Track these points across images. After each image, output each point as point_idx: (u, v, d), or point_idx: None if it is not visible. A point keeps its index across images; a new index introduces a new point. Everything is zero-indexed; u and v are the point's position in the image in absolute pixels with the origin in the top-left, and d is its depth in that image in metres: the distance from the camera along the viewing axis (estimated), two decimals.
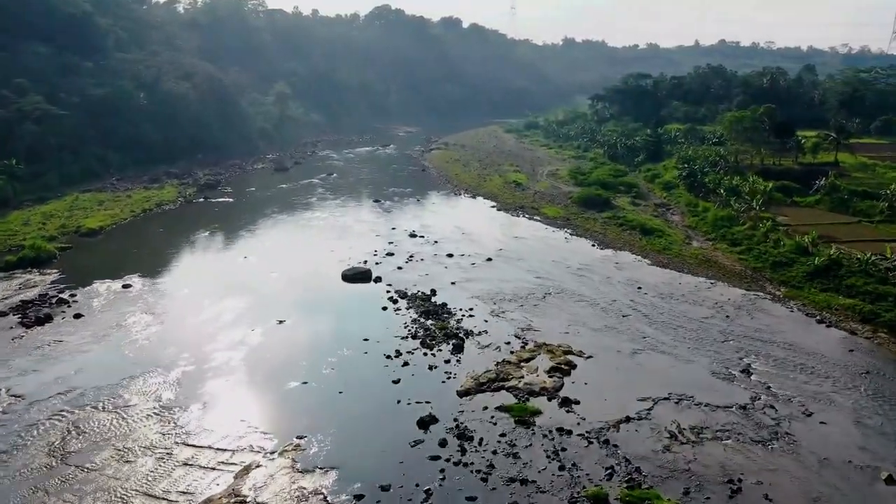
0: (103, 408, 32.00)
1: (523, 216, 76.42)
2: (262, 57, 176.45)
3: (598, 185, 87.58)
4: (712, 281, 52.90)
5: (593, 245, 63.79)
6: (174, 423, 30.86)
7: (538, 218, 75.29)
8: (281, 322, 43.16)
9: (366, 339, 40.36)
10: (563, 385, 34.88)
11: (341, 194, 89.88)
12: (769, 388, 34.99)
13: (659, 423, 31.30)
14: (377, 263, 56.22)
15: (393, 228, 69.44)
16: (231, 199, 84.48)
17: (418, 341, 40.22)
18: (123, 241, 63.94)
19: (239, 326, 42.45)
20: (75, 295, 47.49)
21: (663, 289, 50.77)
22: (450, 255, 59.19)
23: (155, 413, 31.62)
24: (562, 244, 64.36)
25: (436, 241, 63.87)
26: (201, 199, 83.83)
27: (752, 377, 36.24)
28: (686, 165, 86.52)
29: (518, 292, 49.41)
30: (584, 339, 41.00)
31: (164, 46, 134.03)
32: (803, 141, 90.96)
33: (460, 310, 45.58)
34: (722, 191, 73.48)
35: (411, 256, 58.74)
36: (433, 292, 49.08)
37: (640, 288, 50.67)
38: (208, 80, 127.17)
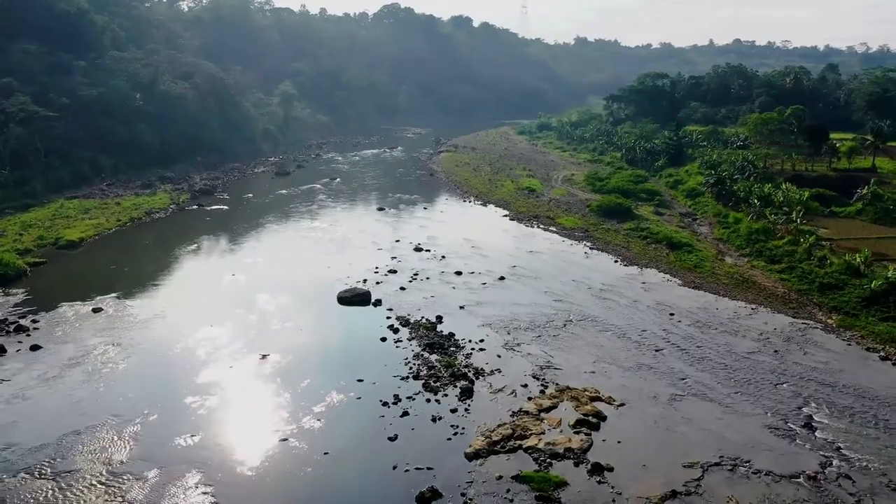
0: (39, 474, 26.55)
1: (538, 227, 70.70)
2: (267, 56, 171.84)
3: (618, 192, 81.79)
4: (753, 306, 47.04)
5: (616, 261, 58.06)
6: (122, 496, 25.38)
7: (554, 229, 69.57)
8: (264, 357, 37.73)
9: (360, 380, 34.88)
10: (591, 444, 29.21)
11: (343, 201, 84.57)
12: (839, 449, 29.20)
13: (713, 501, 25.59)
14: (377, 283, 50.72)
15: (397, 241, 63.87)
16: (226, 207, 79.29)
17: (420, 383, 34.68)
18: (104, 254, 58.65)
19: (216, 362, 37.03)
20: (38, 321, 42.30)
21: (699, 315, 44.99)
22: (458, 273, 53.65)
23: (101, 482, 26.13)
24: (581, 260, 58.67)
25: (443, 257, 58.27)
26: (194, 207, 78.74)
27: (817, 433, 30.45)
28: (713, 172, 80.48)
29: (535, 319, 43.79)
30: (613, 380, 35.36)
31: (163, 45, 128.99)
32: (838, 145, 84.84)
33: (469, 341, 40.07)
34: (755, 200, 67.39)
35: (416, 274, 53.23)
36: (439, 319, 43.58)
37: (672, 314, 44.89)
38: (209, 79, 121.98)
